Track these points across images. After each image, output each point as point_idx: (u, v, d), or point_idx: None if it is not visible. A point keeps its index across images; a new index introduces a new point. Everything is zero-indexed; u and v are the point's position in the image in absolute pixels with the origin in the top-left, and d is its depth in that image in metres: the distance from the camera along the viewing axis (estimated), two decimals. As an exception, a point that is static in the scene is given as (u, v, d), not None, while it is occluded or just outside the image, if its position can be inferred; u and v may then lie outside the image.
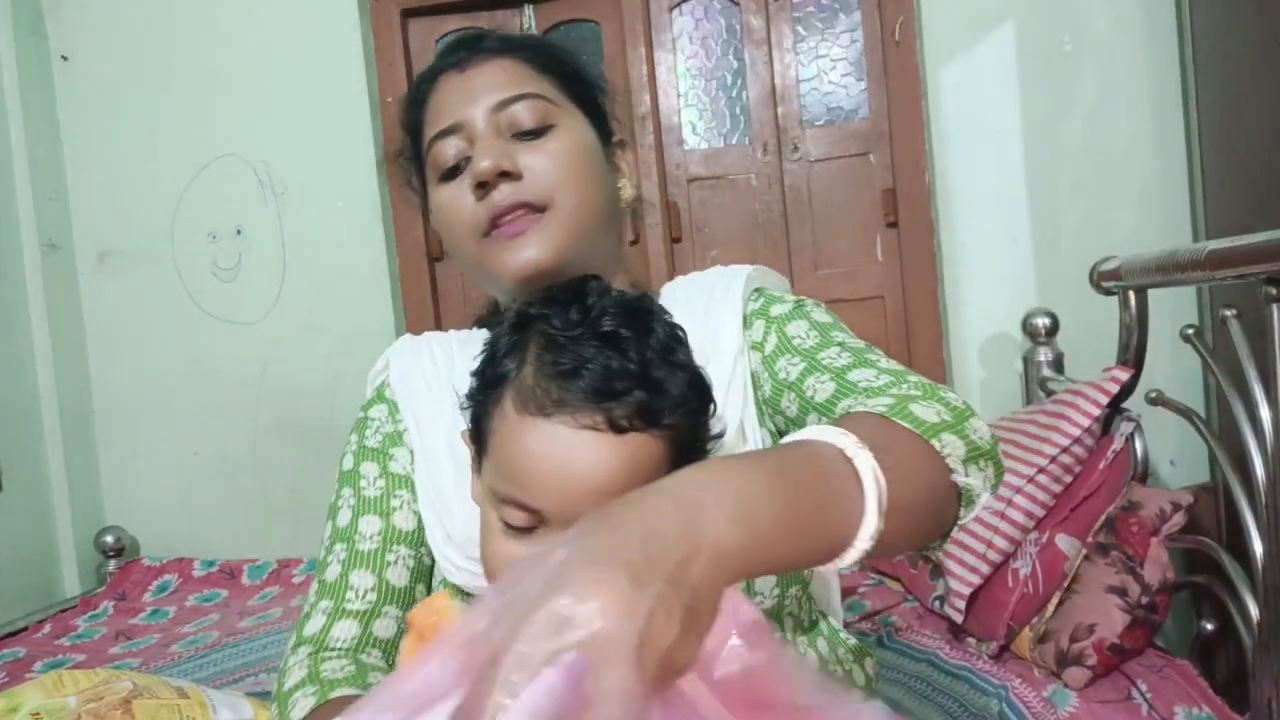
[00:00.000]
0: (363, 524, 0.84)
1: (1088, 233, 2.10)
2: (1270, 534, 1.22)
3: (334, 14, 2.39)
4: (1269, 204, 1.61)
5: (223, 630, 1.97)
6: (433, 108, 0.85)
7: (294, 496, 2.43)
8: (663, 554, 0.41)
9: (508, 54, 0.85)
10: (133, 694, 1.16)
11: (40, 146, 2.45)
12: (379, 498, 0.85)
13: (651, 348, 0.65)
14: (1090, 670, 1.33)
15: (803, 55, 2.35)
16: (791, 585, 0.81)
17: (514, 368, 0.65)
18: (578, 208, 0.80)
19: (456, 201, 0.82)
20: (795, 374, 0.78)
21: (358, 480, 0.87)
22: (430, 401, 0.86)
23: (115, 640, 2.00)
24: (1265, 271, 1.13)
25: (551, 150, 0.81)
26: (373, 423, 0.89)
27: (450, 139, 0.82)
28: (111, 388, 2.53)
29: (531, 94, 0.82)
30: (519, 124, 0.82)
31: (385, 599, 0.83)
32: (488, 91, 0.82)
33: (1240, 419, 1.26)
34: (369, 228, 2.41)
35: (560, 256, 0.79)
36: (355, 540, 0.84)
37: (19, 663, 1.86)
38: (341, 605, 0.82)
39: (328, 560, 0.84)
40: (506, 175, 0.79)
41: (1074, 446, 1.49)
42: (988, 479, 0.64)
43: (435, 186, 0.85)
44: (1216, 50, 1.83)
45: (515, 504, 0.63)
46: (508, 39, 0.88)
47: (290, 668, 0.79)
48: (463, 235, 0.82)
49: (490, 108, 0.82)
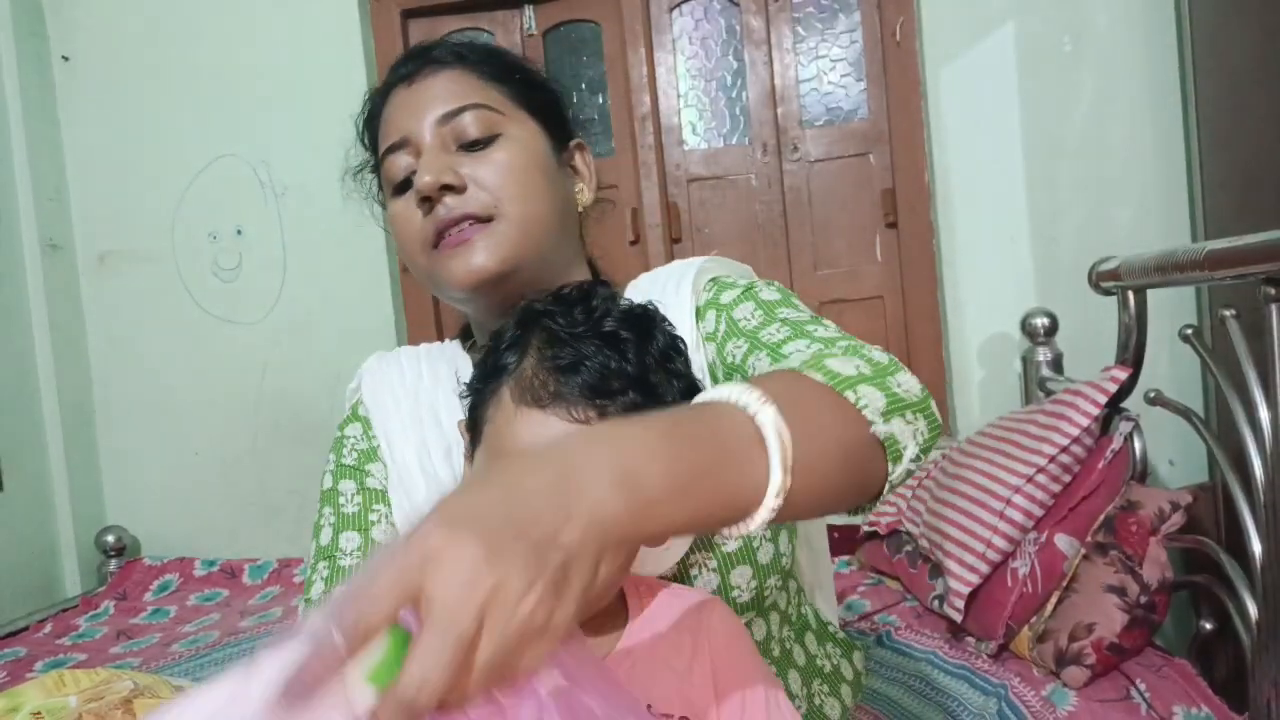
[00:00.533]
0: (343, 540, 0.86)
1: (1087, 233, 2.10)
2: (1269, 534, 1.23)
3: (334, 14, 2.39)
4: (1268, 204, 1.61)
5: (223, 630, 1.97)
6: (384, 122, 0.87)
7: (294, 496, 2.43)
8: (530, 520, 0.40)
9: (455, 65, 0.86)
10: (134, 693, 1.16)
11: (41, 146, 2.46)
12: (357, 514, 0.87)
13: (651, 353, 0.66)
14: (1089, 669, 1.33)
15: (802, 56, 2.35)
16: (770, 576, 0.80)
17: (514, 360, 0.67)
18: (525, 215, 0.81)
19: (405, 215, 0.84)
20: (740, 356, 0.78)
21: (337, 498, 0.88)
22: (398, 417, 0.87)
23: (116, 640, 2.00)
24: (1264, 272, 1.14)
25: (497, 160, 0.82)
26: (348, 440, 0.91)
27: (399, 153, 0.84)
28: (112, 387, 2.54)
29: (476, 104, 0.83)
30: (464, 135, 0.82)
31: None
32: (433, 104, 0.83)
33: (1239, 419, 1.26)
34: (369, 228, 2.40)
35: (507, 263, 0.80)
36: (337, 557, 0.85)
37: (20, 662, 1.87)
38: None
39: (313, 579, 0.85)
40: (449, 189, 0.80)
41: (1073, 446, 1.49)
42: (918, 432, 0.59)
43: (390, 200, 0.87)
44: (1216, 50, 1.83)
45: None
46: (456, 48, 0.89)
47: None
48: (412, 248, 0.84)
49: (435, 120, 0.83)
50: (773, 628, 0.84)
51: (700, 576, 0.78)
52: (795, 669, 0.86)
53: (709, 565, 0.78)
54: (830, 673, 0.89)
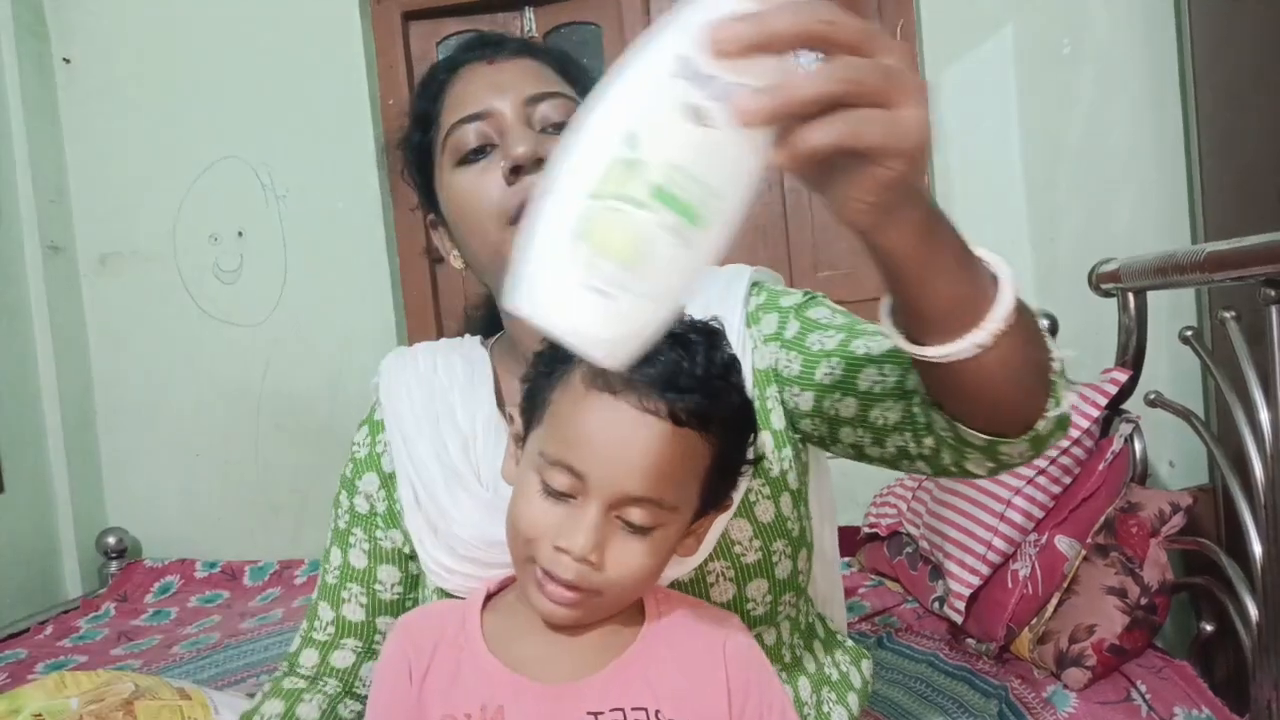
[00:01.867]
0: (332, 554, 0.91)
1: (1087, 234, 2.10)
2: (1269, 535, 1.23)
3: (335, 17, 2.39)
4: (1268, 206, 1.61)
5: (224, 631, 1.97)
6: (456, 96, 0.86)
7: (295, 497, 2.43)
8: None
9: (533, 56, 0.87)
10: (135, 695, 1.16)
11: (42, 149, 2.46)
12: (344, 531, 0.91)
13: (715, 363, 0.67)
14: (1090, 671, 1.33)
15: (803, 57, 2.35)
16: (785, 592, 0.81)
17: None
18: None
19: (480, 185, 0.82)
20: (835, 342, 0.78)
21: (337, 509, 0.92)
22: (412, 414, 0.87)
23: (117, 641, 2.00)
24: (1264, 273, 1.14)
25: None
26: (353, 448, 0.93)
27: (476, 124, 0.83)
28: (113, 389, 2.54)
29: (561, 94, 0.84)
30: (548, 119, 0.82)
31: (342, 632, 0.89)
32: (518, 85, 0.83)
33: (1239, 420, 1.27)
34: (370, 230, 2.41)
35: None
36: (325, 570, 0.91)
37: (21, 664, 1.87)
38: (310, 634, 0.90)
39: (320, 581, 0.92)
40: (542, 162, 0.79)
41: (1073, 448, 1.49)
42: (1068, 399, 0.65)
43: (451, 170, 0.84)
44: (1216, 51, 1.83)
45: (564, 467, 0.64)
46: (530, 44, 0.90)
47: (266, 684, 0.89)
48: (485, 219, 0.81)
49: (522, 100, 0.82)
50: (783, 634, 0.85)
51: (717, 586, 0.79)
52: (805, 675, 0.86)
53: (727, 575, 0.78)
54: (838, 680, 0.89)
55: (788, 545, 0.81)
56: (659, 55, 0.44)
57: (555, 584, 0.65)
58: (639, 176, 0.43)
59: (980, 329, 0.55)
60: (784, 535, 0.80)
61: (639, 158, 0.43)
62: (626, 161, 0.44)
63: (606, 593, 0.66)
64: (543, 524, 0.65)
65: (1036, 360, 0.61)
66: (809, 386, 0.79)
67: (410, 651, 0.69)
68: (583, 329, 0.45)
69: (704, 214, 0.44)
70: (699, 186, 0.43)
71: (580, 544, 0.63)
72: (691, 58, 0.43)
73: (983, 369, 0.56)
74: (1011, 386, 0.60)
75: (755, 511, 0.79)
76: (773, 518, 0.80)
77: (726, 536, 0.78)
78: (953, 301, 0.55)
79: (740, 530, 0.79)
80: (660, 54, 0.44)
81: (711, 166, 0.44)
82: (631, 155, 0.44)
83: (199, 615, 2.14)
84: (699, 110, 0.43)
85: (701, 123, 0.43)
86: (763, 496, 0.80)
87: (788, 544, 0.81)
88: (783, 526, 0.80)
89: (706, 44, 0.43)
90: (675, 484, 0.65)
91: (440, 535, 0.81)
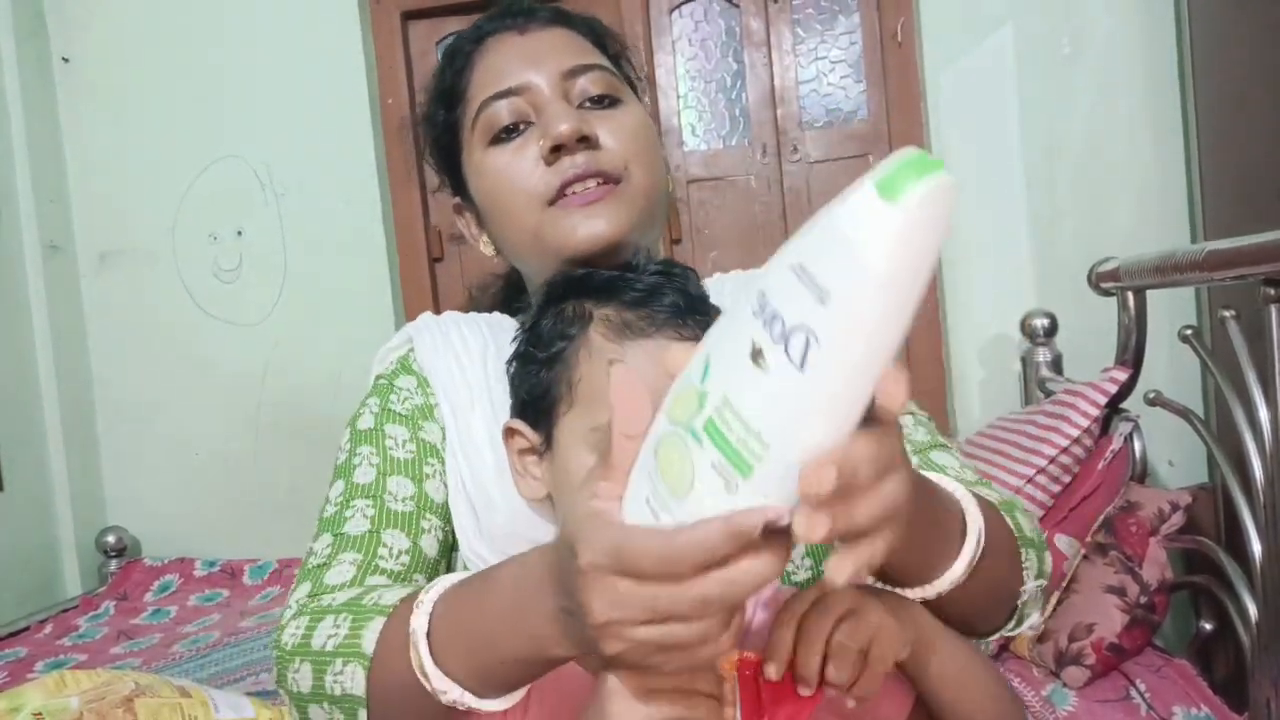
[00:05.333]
0: (392, 484, 0.76)
1: (1086, 234, 2.10)
2: (1268, 534, 1.23)
3: (335, 16, 2.39)
4: (1268, 205, 1.61)
5: (224, 630, 1.97)
6: (486, 69, 0.80)
7: (295, 496, 2.43)
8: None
9: (567, 25, 0.82)
10: (135, 693, 1.16)
11: (41, 148, 2.46)
12: (410, 461, 0.77)
13: (696, 282, 0.69)
14: (1089, 670, 1.33)
15: (802, 57, 2.35)
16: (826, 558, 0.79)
17: (580, 320, 0.66)
18: (648, 184, 0.77)
19: (517, 165, 0.77)
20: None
21: (383, 439, 0.78)
22: (465, 384, 0.80)
23: (116, 640, 2.00)
24: (1264, 272, 1.14)
25: (624, 122, 0.78)
26: (400, 390, 0.81)
27: (509, 100, 0.77)
28: (113, 388, 2.54)
29: (600, 66, 0.79)
30: (587, 92, 0.78)
31: (416, 566, 0.74)
32: (554, 56, 0.78)
33: (1239, 419, 1.26)
34: (369, 229, 2.41)
35: (626, 234, 0.75)
36: (385, 499, 0.75)
37: (20, 663, 1.87)
38: (374, 560, 0.72)
39: (345, 515, 0.74)
40: (585, 141, 0.75)
41: (1073, 447, 1.50)
42: (1038, 608, 0.68)
43: (483, 150, 0.79)
44: (1216, 51, 1.83)
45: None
46: (564, 13, 0.84)
47: (326, 600, 0.67)
48: (521, 200, 0.76)
49: (560, 74, 0.77)
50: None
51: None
52: None
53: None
54: None
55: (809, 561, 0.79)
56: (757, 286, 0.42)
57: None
58: (700, 408, 0.43)
59: (930, 585, 0.56)
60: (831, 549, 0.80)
61: (705, 390, 0.43)
62: (698, 391, 0.43)
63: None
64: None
65: (999, 592, 0.63)
66: None
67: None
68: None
69: (749, 461, 0.41)
70: (746, 431, 0.41)
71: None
72: (769, 295, 0.40)
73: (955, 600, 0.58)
74: (966, 612, 0.63)
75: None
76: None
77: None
78: (917, 562, 0.56)
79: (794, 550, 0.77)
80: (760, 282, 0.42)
81: (763, 413, 0.41)
82: (701, 386, 0.43)
83: (198, 614, 2.14)
84: (760, 353, 0.40)
85: (760, 366, 0.40)
86: None
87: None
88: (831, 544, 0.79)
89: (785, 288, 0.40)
90: None
91: (482, 524, 0.76)
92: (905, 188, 0.36)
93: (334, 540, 0.73)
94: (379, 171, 2.41)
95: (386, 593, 0.63)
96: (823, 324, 0.38)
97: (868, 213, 0.37)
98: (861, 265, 0.37)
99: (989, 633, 0.67)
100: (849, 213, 0.37)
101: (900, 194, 0.36)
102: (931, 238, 0.37)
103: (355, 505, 0.75)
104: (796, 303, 0.39)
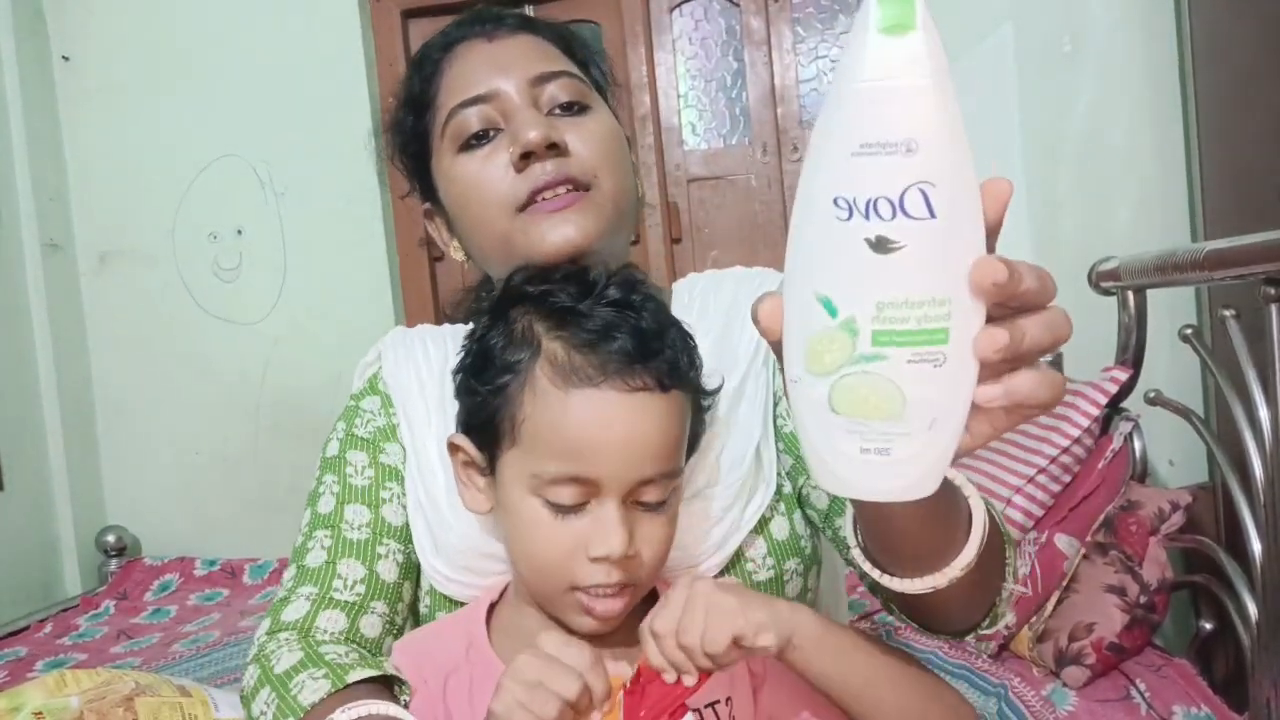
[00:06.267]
0: (348, 512, 0.80)
1: (1086, 233, 2.10)
2: (1269, 534, 1.22)
3: (335, 15, 2.39)
4: (1268, 204, 1.61)
5: (224, 629, 1.97)
6: (455, 76, 0.80)
7: (295, 495, 2.41)
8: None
9: (534, 32, 0.82)
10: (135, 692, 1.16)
11: (41, 147, 2.46)
12: (367, 487, 0.81)
13: (660, 313, 0.67)
14: (1089, 669, 1.33)
15: (802, 56, 2.35)
16: (789, 559, 0.79)
17: (529, 347, 0.65)
18: (616, 192, 0.77)
19: (486, 172, 0.77)
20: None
21: (343, 467, 0.82)
22: (422, 401, 0.82)
23: (117, 639, 2.00)
24: (1264, 272, 1.14)
25: (594, 129, 0.77)
26: (364, 414, 0.84)
27: (479, 107, 0.77)
28: (113, 387, 2.54)
29: (568, 72, 0.79)
30: (556, 100, 0.77)
31: (374, 593, 0.77)
32: (524, 63, 0.78)
33: (1239, 419, 1.26)
34: (369, 228, 2.41)
35: (593, 241, 0.75)
36: (341, 528, 0.79)
37: (20, 662, 1.87)
38: (328, 594, 0.76)
39: (308, 546, 0.79)
40: (554, 148, 0.75)
41: (1073, 447, 1.50)
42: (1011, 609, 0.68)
43: (452, 157, 0.79)
44: (1216, 50, 1.83)
45: (570, 480, 0.62)
46: (531, 20, 0.84)
47: (274, 651, 0.73)
48: (491, 207, 0.76)
49: (528, 80, 0.77)
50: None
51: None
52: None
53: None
54: None
55: (800, 563, 0.79)
56: (819, 207, 0.41)
57: (604, 597, 0.63)
58: (854, 336, 0.41)
59: (940, 573, 0.56)
60: (797, 553, 0.79)
61: (848, 316, 0.41)
62: (839, 324, 0.42)
63: (645, 579, 0.65)
64: (568, 544, 0.63)
65: (986, 587, 0.64)
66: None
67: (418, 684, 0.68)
68: (882, 487, 0.45)
69: (941, 325, 0.41)
70: (918, 309, 0.41)
71: (618, 545, 0.61)
72: (845, 191, 0.40)
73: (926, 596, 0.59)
74: (951, 605, 0.64)
75: (770, 528, 0.77)
76: (787, 534, 0.78)
77: (740, 553, 0.76)
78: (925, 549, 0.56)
79: (755, 547, 0.77)
80: (819, 203, 0.41)
81: (920, 282, 0.41)
82: (836, 321, 0.42)
83: (198, 613, 2.14)
84: (884, 239, 0.40)
85: (887, 250, 0.40)
86: (777, 513, 0.78)
87: (800, 562, 0.79)
88: (796, 544, 0.79)
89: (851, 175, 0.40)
90: (678, 448, 0.65)
91: (438, 541, 0.77)
92: (909, 16, 0.39)
93: (296, 573, 0.79)
94: (379, 171, 2.40)
95: (309, 685, 0.68)
96: (924, 168, 0.39)
97: (898, 53, 0.38)
98: (920, 97, 0.38)
99: (965, 631, 0.66)
100: (877, 70, 0.39)
101: (910, 24, 0.38)
102: (941, 48, 0.40)
103: (316, 536, 0.80)
104: (884, 174, 0.39)
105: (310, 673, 0.69)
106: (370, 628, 0.77)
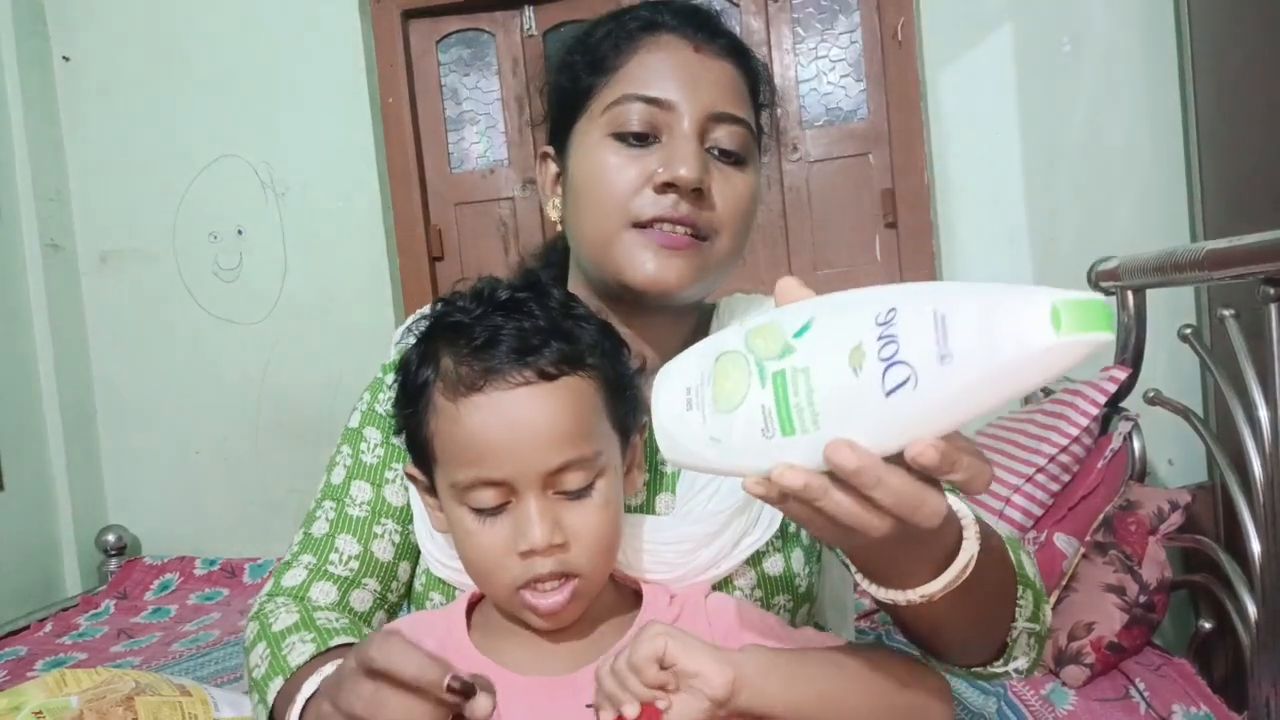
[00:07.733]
0: (354, 488, 0.83)
1: (1086, 233, 2.10)
2: (1268, 533, 1.23)
3: (335, 15, 2.39)
4: (1267, 204, 1.61)
5: (224, 629, 1.97)
6: (644, 64, 0.77)
7: (295, 495, 2.43)
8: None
9: (736, 60, 0.79)
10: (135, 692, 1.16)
11: (42, 147, 2.46)
12: (375, 466, 0.83)
13: (552, 306, 0.67)
14: (1088, 669, 1.33)
15: (802, 56, 2.35)
16: (778, 594, 0.78)
17: (433, 367, 0.67)
18: (729, 253, 0.78)
19: (625, 172, 0.75)
20: None
21: (359, 441, 0.84)
22: None
23: (117, 639, 2.00)
24: (1263, 271, 1.14)
25: (738, 188, 0.78)
26: (387, 389, 0.84)
27: (650, 109, 0.75)
28: (113, 387, 2.54)
29: (745, 121, 0.78)
30: (719, 145, 0.76)
31: (367, 570, 0.81)
32: (712, 93, 0.76)
33: (1238, 418, 1.27)
34: (370, 228, 2.41)
35: (689, 289, 0.76)
36: (345, 502, 0.82)
37: (20, 661, 1.87)
38: (323, 566, 0.81)
39: (316, 514, 0.83)
40: (697, 191, 0.74)
41: (1072, 446, 1.50)
42: (1030, 656, 0.67)
43: (602, 136, 0.77)
44: (1216, 50, 1.83)
45: (480, 484, 0.64)
46: (740, 48, 0.81)
47: (273, 611, 0.78)
48: (613, 207, 0.75)
49: (709, 114, 0.76)
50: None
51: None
52: None
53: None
54: None
55: (790, 600, 0.78)
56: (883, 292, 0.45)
57: (543, 592, 0.64)
58: (780, 357, 0.46)
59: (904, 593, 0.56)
60: (789, 590, 0.78)
61: (794, 346, 0.46)
62: (786, 342, 0.46)
63: (586, 568, 0.65)
64: (500, 545, 0.64)
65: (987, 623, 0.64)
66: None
67: None
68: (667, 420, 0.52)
69: (796, 427, 0.45)
70: (808, 405, 0.45)
71: (538, 536, 0.63)
72: (899, 318, 0.43)
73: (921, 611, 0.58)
74: (949, 636, 0.64)
75: (764, 564, 0.77)
76: (781, 571, 0.78)
77: (730, 582, 0.76)
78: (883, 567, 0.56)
79: (744, 578, 0.76)
80: (885, 293, 0.45)
81: (831, 402, 0.44)
82: (791, 340, 0.46)
83: (198, 612, 2.14)
84: (861, 358, 0.44)
85: (852, 366, 0.44)
86: (774, 549, 0.77)
87: (790, 598, 0.78)
88: (790, 582, 0.78)
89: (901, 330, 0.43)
90: (585, 432, 0.65)
91: (435, 528, 0.78)
92: (1074, 330, 0.39)
93: (303, 539, 0.84)
94: (379, 171, 2.41)
95: (299, 648, 0.73)
96: (929, 377, 0.41)
97: (1029, 324, 0.39)
98: (993, 359, 0.40)
99: (974, 665, 0.66)
100: (1013, 310, 0.40)
101: (1065, 331, 0.39)
102: (1055, 374, 0.41)
103: (324, 506, 0.84)
104: (919, 343, 0.42)
105: (301, 635, 0.74)
106: (360, 602, 0.81)
